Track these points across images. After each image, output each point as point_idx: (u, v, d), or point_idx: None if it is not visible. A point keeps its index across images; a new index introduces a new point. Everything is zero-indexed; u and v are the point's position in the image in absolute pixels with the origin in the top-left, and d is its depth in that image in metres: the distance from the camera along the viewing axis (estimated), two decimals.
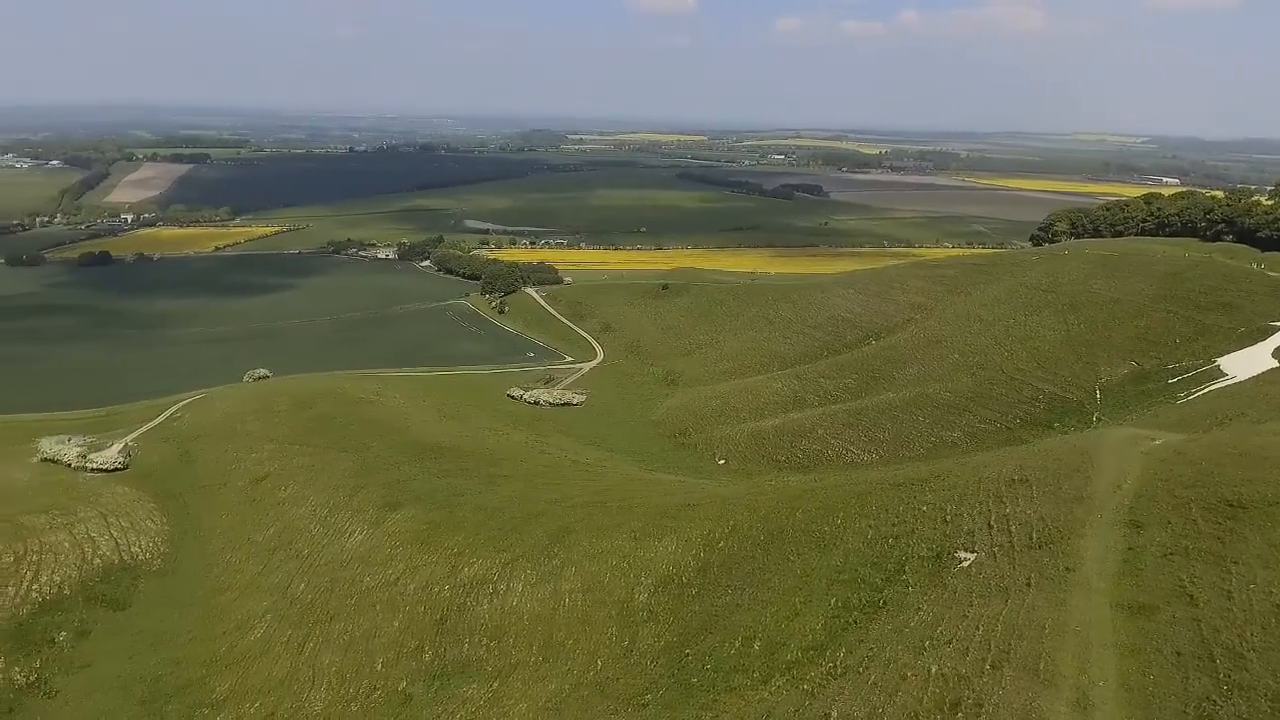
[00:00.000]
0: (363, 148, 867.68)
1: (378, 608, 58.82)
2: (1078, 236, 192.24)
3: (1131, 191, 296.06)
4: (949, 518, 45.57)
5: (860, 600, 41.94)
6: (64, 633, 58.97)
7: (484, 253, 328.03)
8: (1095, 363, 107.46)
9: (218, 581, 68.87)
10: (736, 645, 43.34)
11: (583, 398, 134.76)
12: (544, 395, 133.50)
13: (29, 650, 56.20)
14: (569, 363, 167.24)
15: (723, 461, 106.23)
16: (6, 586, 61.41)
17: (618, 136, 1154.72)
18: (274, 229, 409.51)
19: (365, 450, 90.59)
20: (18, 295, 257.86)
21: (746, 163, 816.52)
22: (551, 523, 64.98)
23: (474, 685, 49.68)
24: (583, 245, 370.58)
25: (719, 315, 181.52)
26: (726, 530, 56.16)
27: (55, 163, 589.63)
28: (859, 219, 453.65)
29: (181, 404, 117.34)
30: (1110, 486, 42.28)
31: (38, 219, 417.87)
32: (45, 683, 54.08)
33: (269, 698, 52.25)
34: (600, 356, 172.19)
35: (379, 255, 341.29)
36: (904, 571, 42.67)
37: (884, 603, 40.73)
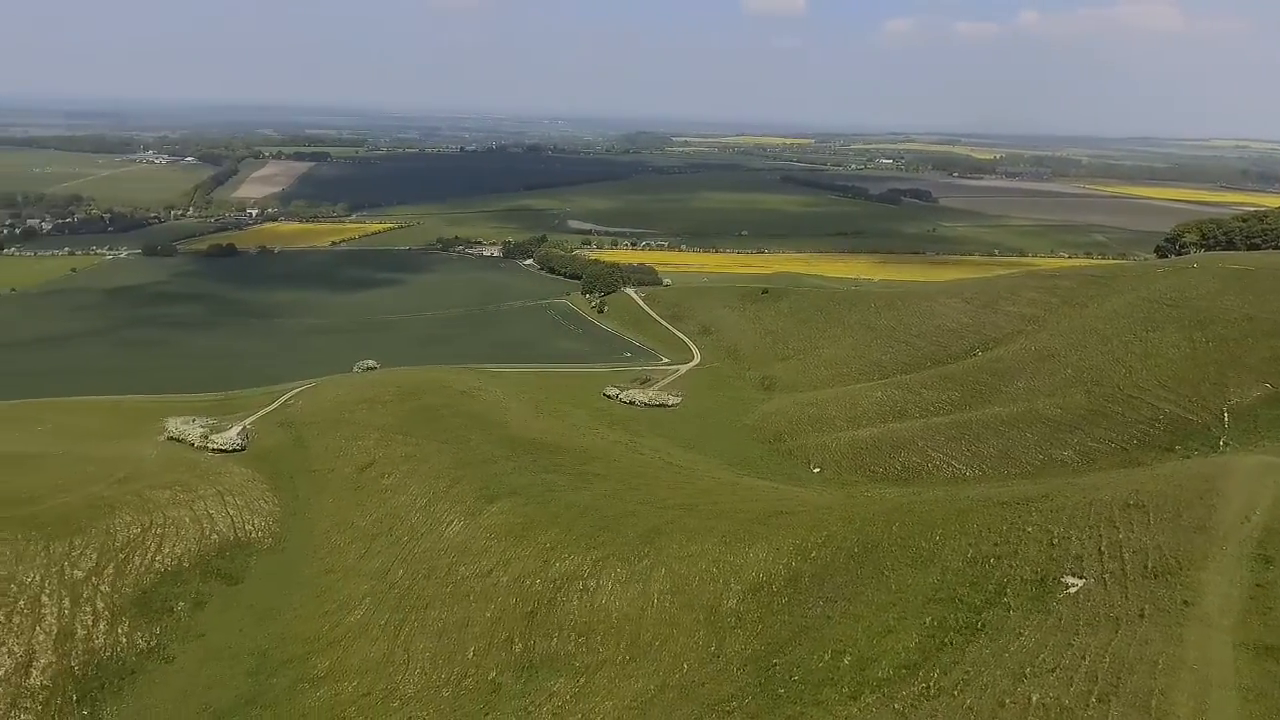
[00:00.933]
0: (473, 148, 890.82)
1: (471, 597, 60.20)
2: (1208, 249, 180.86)
3: (1271, 201, 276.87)
4: (1056, 541, 43.56)
5: (957, 621, 40.52)
6: (182, 603, 62.59)
7: (586, 253, 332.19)
8: (1224, 384, 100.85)
9: (323, 562, 71.79)
10: (826, 658, 42.50)
11: (678, 399, 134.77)
12: (639, 395, 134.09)
13: (150, 617, 59.88)
14: (665, 364, 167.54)
15: (818, 470, 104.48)
16: (133, 556, 65.56)
17: (722, 139, 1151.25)
18: (387, 225, 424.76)
19: (465, 443, 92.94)
20: (151, 283, 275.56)
21: (853, 167, 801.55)
22: (642, 523, 65.18)
23: (561, 680, 50.30)
24: (683, 247, 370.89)
25: (819, 321, 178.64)
26: (820, 540, 55.17)
27: (190, 159, 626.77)
28: (969, 226, 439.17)
29: (295, 391, 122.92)
30: (1238, 517, 39.61)
31: (172, 212, 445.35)
32: (164, 649, 57.52)
33: (365, 678, 54.15)
34: (697, 359, 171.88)
35: (484, 253, 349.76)
36: (1005, 594, 41.01)
37: (983, 625, 39.23)
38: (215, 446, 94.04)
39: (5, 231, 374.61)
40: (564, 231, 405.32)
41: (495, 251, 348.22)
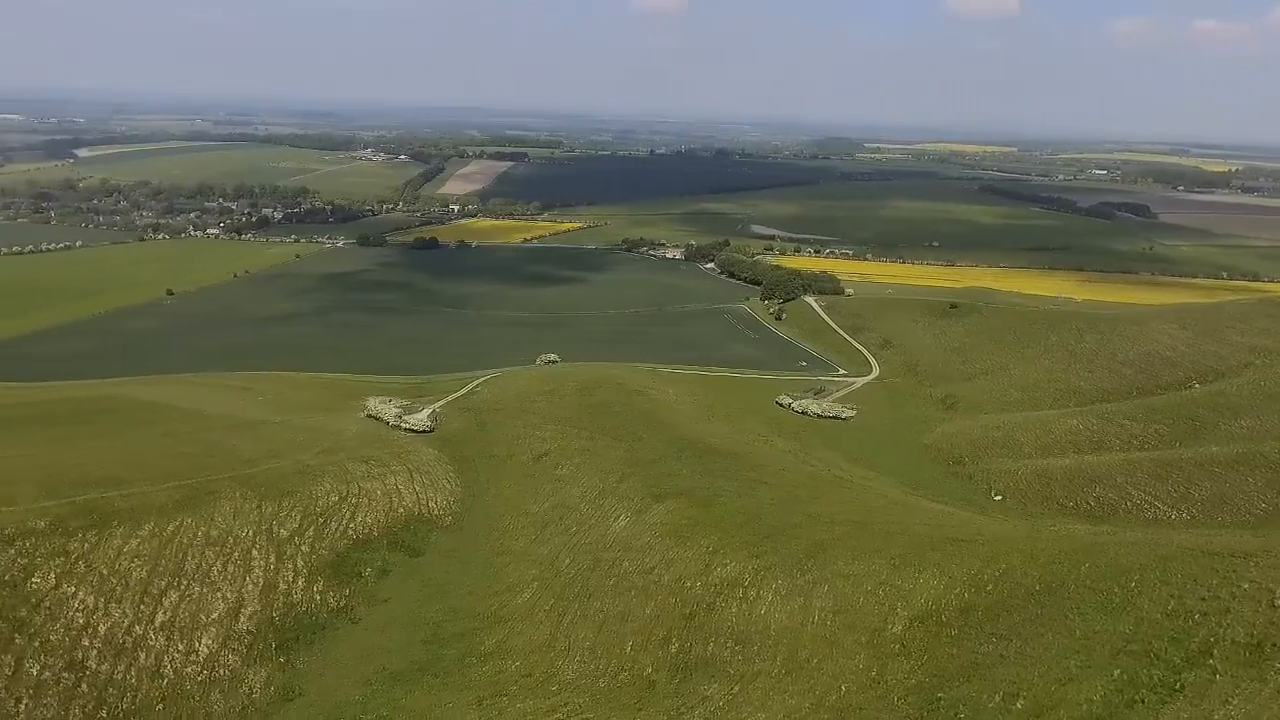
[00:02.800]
0: (662, 150, 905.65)
1: (632, 593, 61.15)
2: None
3: None
4: (1278, 602, 38.81)
5: (1151, 678, 36.94)
6: (369, 569, 67.43)
7: (767, 258, 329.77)
8: None
9: (496, 544, 75.21)
10: (997, 699, 39.96)
11: (852, 412, 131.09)
12: (813, 406, 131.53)
13: (341, 580, 64.91)
14: (841, 375, 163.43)
15: (999, 498, 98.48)
16: (331, 522, 71.33)
17: (917, 146, 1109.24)
18: (575, 225, 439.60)
19: (636, 440, 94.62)
20: (360, 271, 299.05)
21: (1060, 178, 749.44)
22: (808, 536, 63.86)
23: (715, 685, 50.11)
24: (868, 257, 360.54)
25: (1011, 340, 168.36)
26: (997, 573, 51.96)
27: (403, 157, 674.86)
28: (1193, 245, 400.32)
29: (482, 379, 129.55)
30: None
31: (384, 206, 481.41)
32: (351, 610, 62.17)
33: (528, 659, 56.18)
34: (875, 372, 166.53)
35: (667, 255, 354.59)
36: (1211, 655, 36.97)
37: (1182, 686, 35.56)
38: (407, 426, 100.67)
39: (244, 219, 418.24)
40: (746, 236, 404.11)
41: (677, 254, 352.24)
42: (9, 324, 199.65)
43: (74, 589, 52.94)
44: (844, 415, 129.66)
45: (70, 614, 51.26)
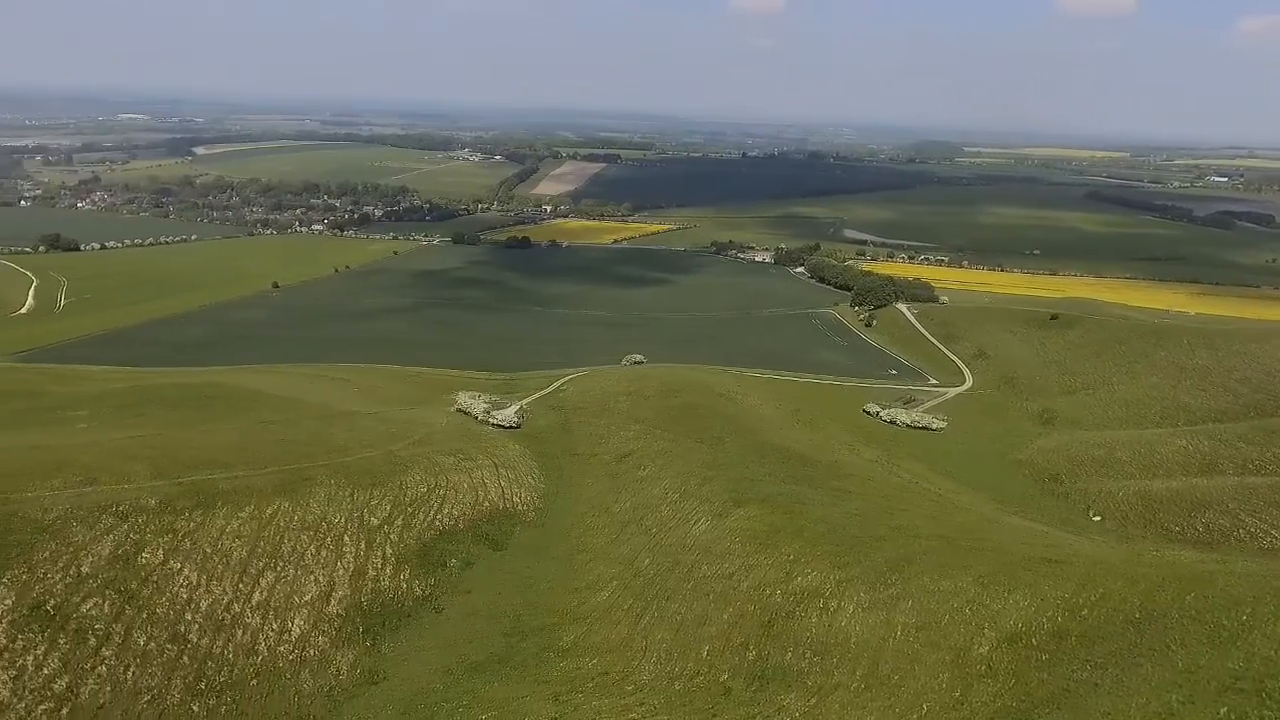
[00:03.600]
0: (755, 153, 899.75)
1: (711, 597, 60.86)
2: None
3: None
4: None
5: (1263, 718, 34.72)
6: (454, 560, 68.97)
7: (858, 263, 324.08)
8: None
9: (577, 542, 75.98)
10: None
11: (943, 424, 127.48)
12: (902, 415, 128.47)
13: (427, 569, 66.58)
14: (932, 385, 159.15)
15: (1098, 519, 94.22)
16: (419, 512, 73.27)
17: (1020, 150, 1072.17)
18: (664, 226, 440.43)
19: (719, 444, 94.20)
20: (453, 269, 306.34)
21: (1175, 184, 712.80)
22: (892, 549, 62.39)
23: (792, 695, 49.44)
24: (965, 264, 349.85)
25: (1115, 354, 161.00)
26: (1094, 598, 49.71)
27: (499, 158, 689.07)
28: None
29: (568, 378, 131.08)
30: None
31: (479, 205, 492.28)
32: (435, 599, 63.69)
33: (605, 657, 56.52)
34: (968, 383, 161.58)
35: (756, 258, 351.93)
36: None
37: None
38: (495, 422, 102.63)
39: (346, 216, 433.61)
40: (838, 240, 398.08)
41: (767, 257, 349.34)
42: (132, 312, 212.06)
43: (180, 565, 55.75)
44: (934, 426, 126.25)
45: (175, 589, 54.00)
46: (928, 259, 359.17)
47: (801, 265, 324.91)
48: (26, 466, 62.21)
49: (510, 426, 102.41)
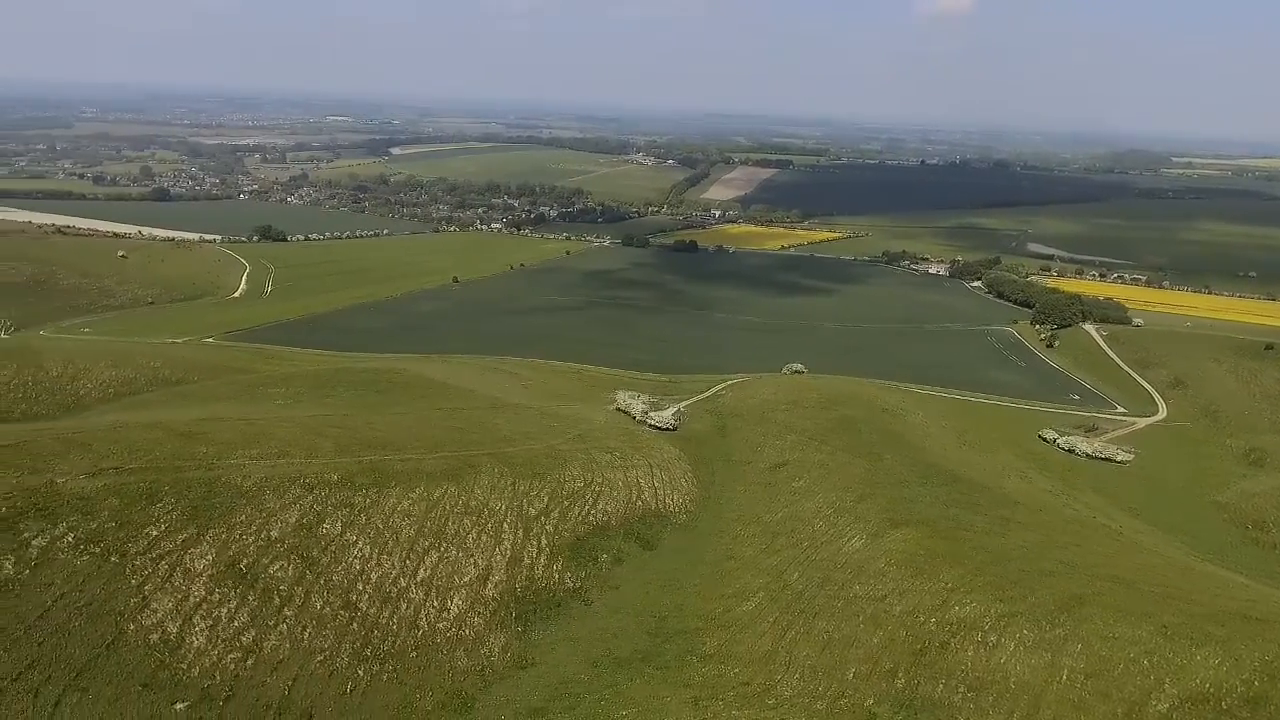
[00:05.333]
0: (934, 161, 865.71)
1: (860, 619, 59.11)
2: None
3: None
4: None
5: None
6: (605, 555, 70.45)
7: (1041, 279, 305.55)
8: None
9: (726, 548, 75.75)
10: None
11: (1130, 456, 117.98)
12: (1082, 444, 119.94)
13: (579, 562, 68.35)
14: (1119, 414, 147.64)
15: None
16: (574, 506, 75.33)
17: (1239, 161, 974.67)
18: (834, 234, 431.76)
19: (878, 460, 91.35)
20: (619, 269, 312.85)
21: None
22: (1063, 586, 58.35)
23: None
24: (1164, 284, 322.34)
25: None
26: None
27: (671, 161, 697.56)
28: None
29: (726, 384, 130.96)
30: None
31: (649, 208, 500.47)
32: (585, 592, 65.29)
33: (748, 668, 56.07)
34: (1162, 414, 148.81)
35: (929, 270, 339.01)
36: None
37: None
38: (652, 423, 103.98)
39: (523, 215, 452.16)
40: (1020, 254, 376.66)
41: (941, 270, 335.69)
42: (328, 299, 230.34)
43: (355, 538, 59.95)
44: (1119, 458, 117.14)
45: (350, 560, 58.10)
46: (1121, 277, 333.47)
47: (979, 279, 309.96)
48: (232, 437, 68.74)
49: (667, 428, 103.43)
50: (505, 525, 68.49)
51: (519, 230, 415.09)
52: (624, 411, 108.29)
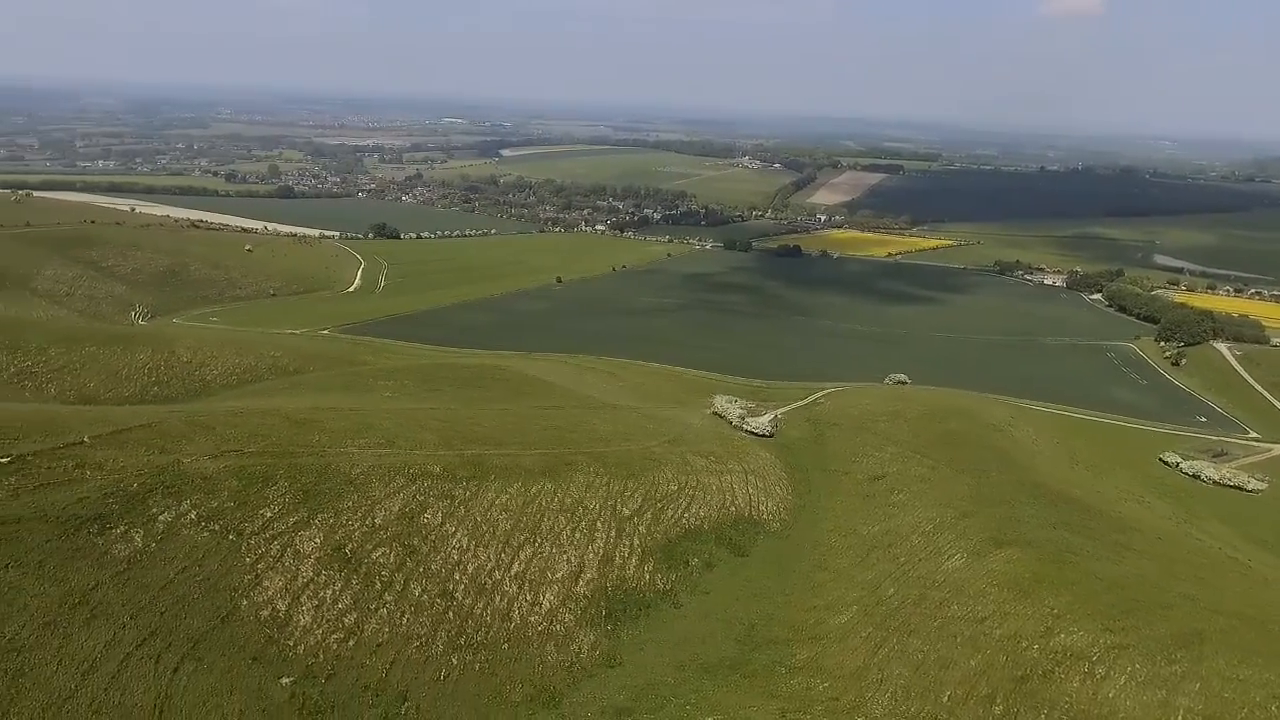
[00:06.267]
0: (1055, 167, 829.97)
1: (958, 640, 57.13)
2: None
3: None
4: None
5: None
6: (696, 560, 70.29)
7: (1169, 294, 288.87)
8: None
9: (819, 559, 74.50)
10: None
11: (1263, 484, 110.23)
12: (1208, 469, 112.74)
13: (670, 565, 68.42)
14: (1251, 439, 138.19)
15: None
16: (667, 509, 75.46)
17: None
18: (944, 242, 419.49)
19: (983, 477, 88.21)
20: (720, 273, 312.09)
21: None
22: (1181, 620, 54.99)
23: None
24: None
25: None
26: None
27: (777, 165, 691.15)
28: None
29: (825, 391, 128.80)
30: None
31: (753, 212, 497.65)
32: (675, 595, 65.28)
33: (837, 683, 54.97)
34: None
35: (1045, 281, 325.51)
36: None
37: None
38: (748, 429, 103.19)
39: (627, 218, 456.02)
40: (1146, 267, 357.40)
41: (1058, 281, 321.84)
42: (437, 296, 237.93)
43: (454, 529, 61.64)
44: (1249, 486, 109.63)
45: (448, 550, 59.77)
46: (1260, 294, 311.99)
47: (1099, 292, 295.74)
48: (342, 425, 71.72)
49: (763, 434, 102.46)
50: (599, 524, 69.18)
51: (622, 232, 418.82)
52: (720, 416, 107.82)
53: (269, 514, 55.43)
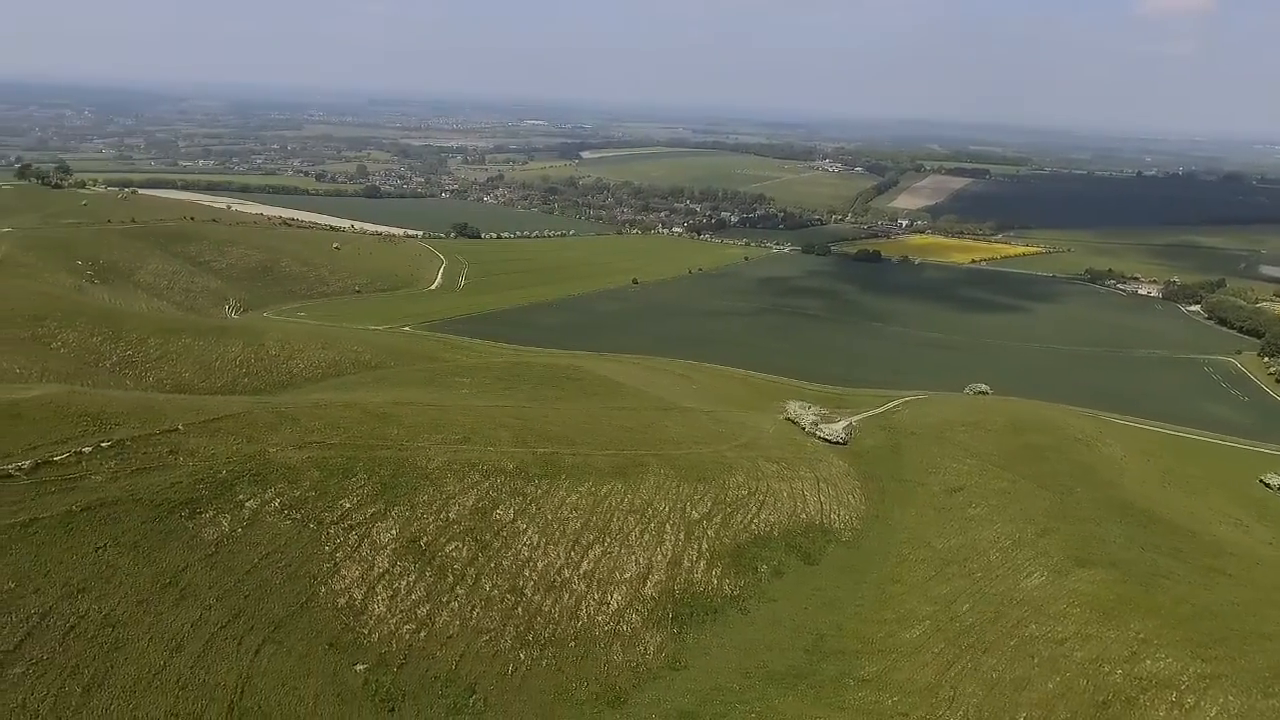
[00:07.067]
0: (1152, 172, 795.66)
1: (1035, 661, 55.34)
2: None
3: None
4: None
5: None
6: (765, 566, 69.69)
7: (1276, 306, 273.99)
8: None
9: (892, 571, 73.03)
10: None
11: None
12: None
13: (738, 570, 67.99)
14: None
15: None
16: (737, 513, 75.04)
17: None
18: (1031, 249, 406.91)
19: (1067, 493, 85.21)
20: (798, 277, 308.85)
21: None
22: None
23: None
24: None
25: None
26: None
27: (859, 169, 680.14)
28: None
29: (902, 400, 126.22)
30: None
31: (833, 216, 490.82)
32: (742, 601, 64.82)
33: (907, 699, 53.82)
34: None
35: (1139, 291, 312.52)
36: None
37: None
38: (821, 436, 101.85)
39: (704, 220, 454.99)
40: (1250, 278, 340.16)
41: (1153, 291, 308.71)
42: (515, 295, 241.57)
43: (525, 526, 62.49)
44: None
45: (519, 546, 60.62)
46: None
47: (1197, 303, 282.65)
48: (420, 421, 73.42)
49: (837, 442, 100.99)
50: (668, 527, 69.21)
51: (699, 235, 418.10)
52: (793, 421, 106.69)
53: (348, 505, 57.13)
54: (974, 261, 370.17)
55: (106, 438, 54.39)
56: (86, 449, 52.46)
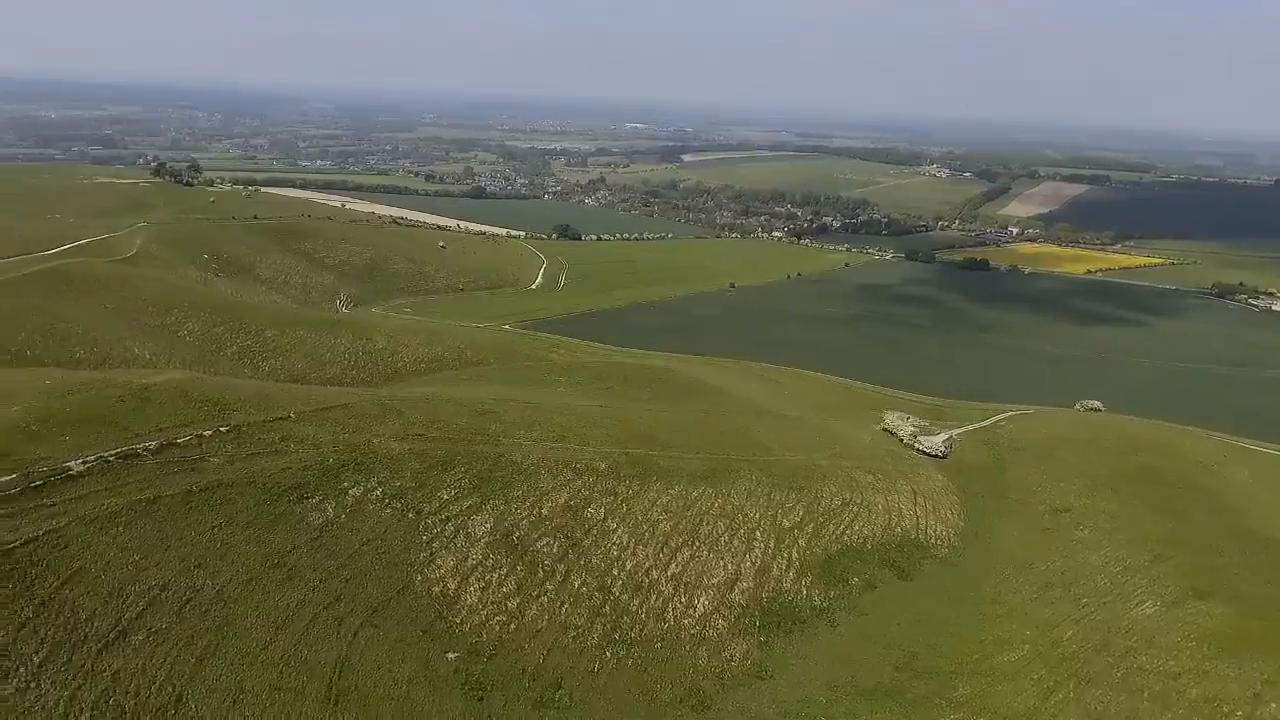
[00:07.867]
0: None
1: (1145, 695, 52.46)
2: None
3: None
4: None
5: None
6: (856, 579, 68.26)
7: None
8: None
9: (991, 591, 70.46)
10: None
11: None
12: None
13: (829, 581, 66.83)
14: None
15: None
16: (829, 524, 73.82)
17: None
18: (1152, 260, 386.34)
19: (1184, 520, 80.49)
20: (900, 284, 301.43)
21: None
22: None
23: None
24: None
25: None
26: None
27: (968, 174, 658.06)
28: None
29: (1007, 414, 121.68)
30: None
31: (939, 223, 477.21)
32: (832, 613, 63.61)
33: None
34: None
35: (1273, 307, 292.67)
36: None
37: None
38: (920, 448, 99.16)
39: (805, 225, 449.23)
40: None
41: None
42: (613, 296, 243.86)
43: (615, 526, 63.03)
44: None
45: (608, 545, 61.18)
46: None
47: None
48: (518, 417, 74.97)
49: (936, 455, 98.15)
50: (758, 534, 68.64)
51: (799, 239, 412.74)
52: (890, 432, 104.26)
53: (445, 496, 58.80)
54: (1089, 272, 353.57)
55: (225, 423, 57.53)
56: (206, 433, 55.60)
